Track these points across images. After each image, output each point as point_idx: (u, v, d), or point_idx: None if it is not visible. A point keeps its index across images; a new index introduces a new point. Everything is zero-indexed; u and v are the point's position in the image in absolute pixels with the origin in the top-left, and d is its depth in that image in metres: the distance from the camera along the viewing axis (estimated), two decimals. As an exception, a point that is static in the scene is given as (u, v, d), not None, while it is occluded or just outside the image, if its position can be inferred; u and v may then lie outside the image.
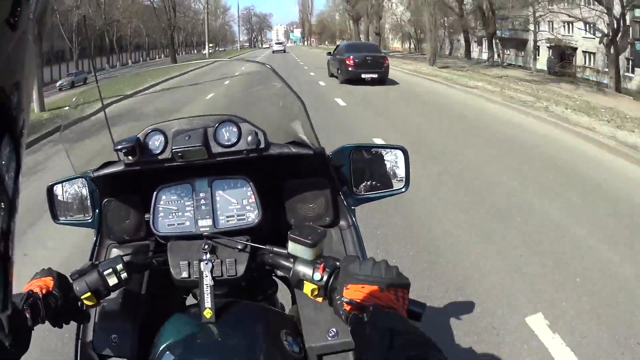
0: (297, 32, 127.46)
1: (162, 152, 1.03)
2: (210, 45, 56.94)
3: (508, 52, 29.55)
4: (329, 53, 17.67)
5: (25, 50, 0.27)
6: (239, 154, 1.04)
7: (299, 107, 1.04)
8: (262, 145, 1.03)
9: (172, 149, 1.01)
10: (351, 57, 14.31)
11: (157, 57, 61.81)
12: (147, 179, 1.10)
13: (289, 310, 1.19)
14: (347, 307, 0.74)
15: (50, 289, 0.85)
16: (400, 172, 1.14)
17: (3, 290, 0.28)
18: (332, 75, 16.39)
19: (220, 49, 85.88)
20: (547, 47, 26.54)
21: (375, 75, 14.12)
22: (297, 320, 1.05)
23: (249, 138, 1.01)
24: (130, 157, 1.02)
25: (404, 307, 0.74)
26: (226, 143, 1.03)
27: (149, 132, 1.05)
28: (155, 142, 1.04)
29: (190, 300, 1.21)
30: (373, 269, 0.75)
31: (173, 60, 31.73)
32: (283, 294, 1.25)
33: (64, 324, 0.89)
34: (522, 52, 30.80)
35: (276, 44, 69.55)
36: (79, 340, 1.05)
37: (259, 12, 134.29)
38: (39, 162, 6.39)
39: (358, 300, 0.73)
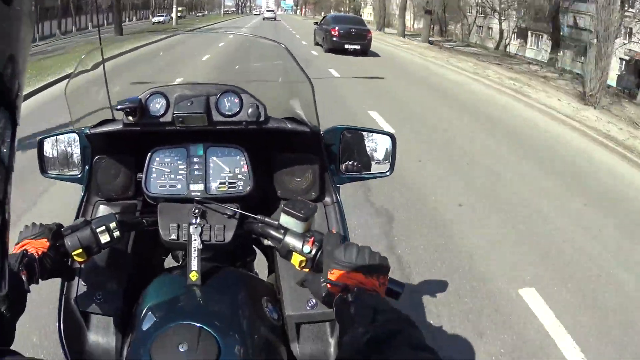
0: (290, 0, 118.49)
1: (163, 115, 1.09)
2: (180, 9, 47.90)
3: (560, 54, 24.53)
4: (316, 23, 20.04)
5: (20, 24, 0.28)
6: (238, 125, 1.10)
7: (307, 87, 1.11)
8: (262, 119, 1.10)
9: (174, 113, 1.07)
10: (337, 28, 16.38)
11: (127, 19, 53.51)
12: (142, 140, 1.16)
13: (267, 278, 1.29)
14: (332, 289, 0.82)
15: (46, 250, 0.89)
16: (387, 156, 1.25)
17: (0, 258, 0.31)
18: (317, 43, 18.30)
19: (199, 14, 76.18)
20: (620, 59, 22.04)
21: (358, 47, 16.17)
22: (276, 288, 1.15)
23: (250, 110, 1.09)
24: (130, 118, 1.08)
25: (383, 293, 0.83)
26: (227, 113, 1.10)
27: (151, 95, 1.10)
28: (157, 105, 1.10)
29: (169, 262, 1.29)
30: (358, 256, 0.83)
31: (118, 30, 22.60)
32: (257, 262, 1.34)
33: (49, 278, 0.93)
34: (582, 58, 26.65)
35: (267, 11, 70.24)
36: (63, 297, 1.12)
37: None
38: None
39: (343, 283, 0.81)
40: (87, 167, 1.21)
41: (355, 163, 1.25)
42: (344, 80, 10.62)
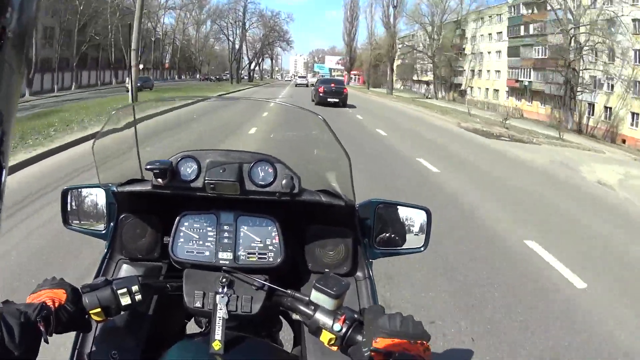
0: (331, 61, 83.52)
1: (194, 180, 1.06)
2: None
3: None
4: (312, 84, 27.97)
5: (4, 73, 0.28)
6: (271, 195, 1.06)
7: (343, 160, 1.07)
8: (296, 191, 1.06)
9: (205, 180, 1.04)
10: (322, 86, 23.74)
11: (168, 77, 52.84)
12: (170, 202, 1.12)
13: (292, 350, 1.22)
14: (376, 357, 0.79)
15: (63, 302, 0.85)
16: (422, 230, 1.19)
17: None
18: (312, 100, 24.21)
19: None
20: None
21: (337, 100, 22.84)
22: None
23: (284, 181, 1.05)
24: (160, 180, 1.05)
25: (430, 358, 0.78)
26: (260, 182, 1.07)
27: (182, 158, 1.08)
28: (188, 169, 1.07)
29: (191, 326, 1.23)
30: (402, 325, 0.80)
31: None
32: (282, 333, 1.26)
33: (64, 332, 0.89)
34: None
35: (299, 77, 67.10)
36: (76, 350, 1.05)
37: (266, 11, 78.21)
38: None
39: (387, 350, 0.78)
40: (112, 223, 1.17)
41: (389, 236, 1.20)
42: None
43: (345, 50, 70.55)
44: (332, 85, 24.29)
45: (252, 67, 69.02)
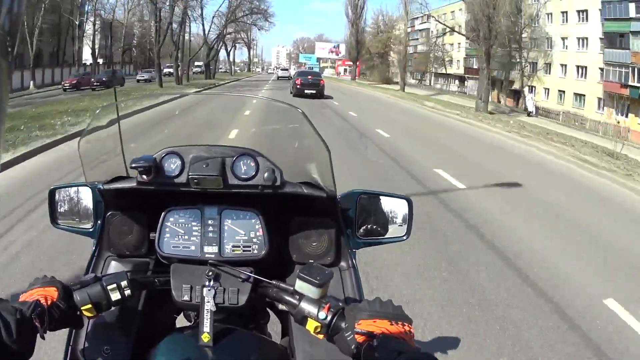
0: (322, 50, 68.42)
1: (178, 175, 1.07)
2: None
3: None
4: (291, 77, 28.86)
5: None
6: (254, 189, 1.08)
7: (323, 152, 1.09)
8: (278, 183, 1.08)
9: (189, 175, 1.05)
10: (299, 79, 24.39)
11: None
12: (155, 199, 1.13)
13: (280, 341, 1.24)
14: (359, 338, 0.81)
15: (55, 299, 0.87)
16: (404, 220, 1.22)
17: None
18: (291, 92, 24.67)
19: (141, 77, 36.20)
20: None
21: (314, 91, 23.38)
22: (290, 351, 1.11)
23: (266, 174, 1.07)
24: (144, 176, 1.05)
25: (411, 340, 0.81)
26: (243, 176, 1.08)
27: (166, 154, 1.08)
28: (172, 165, 1.08)
29: (180, 321, 1.24)
30: (381, 306, 0.83)
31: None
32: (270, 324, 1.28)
33: (57, 329, 0.90)
34: None
35: (281, 70, 61.35)
36: (70, 347, 1.07)
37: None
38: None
39: (370, 331, 0.81)
40: (99, 221, 1.17)
41: (372, 227, 1.22)
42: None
43: (350, 32, 48.04)
44: (309, 77, 25.18)
45: (211, 55, 45.48)
